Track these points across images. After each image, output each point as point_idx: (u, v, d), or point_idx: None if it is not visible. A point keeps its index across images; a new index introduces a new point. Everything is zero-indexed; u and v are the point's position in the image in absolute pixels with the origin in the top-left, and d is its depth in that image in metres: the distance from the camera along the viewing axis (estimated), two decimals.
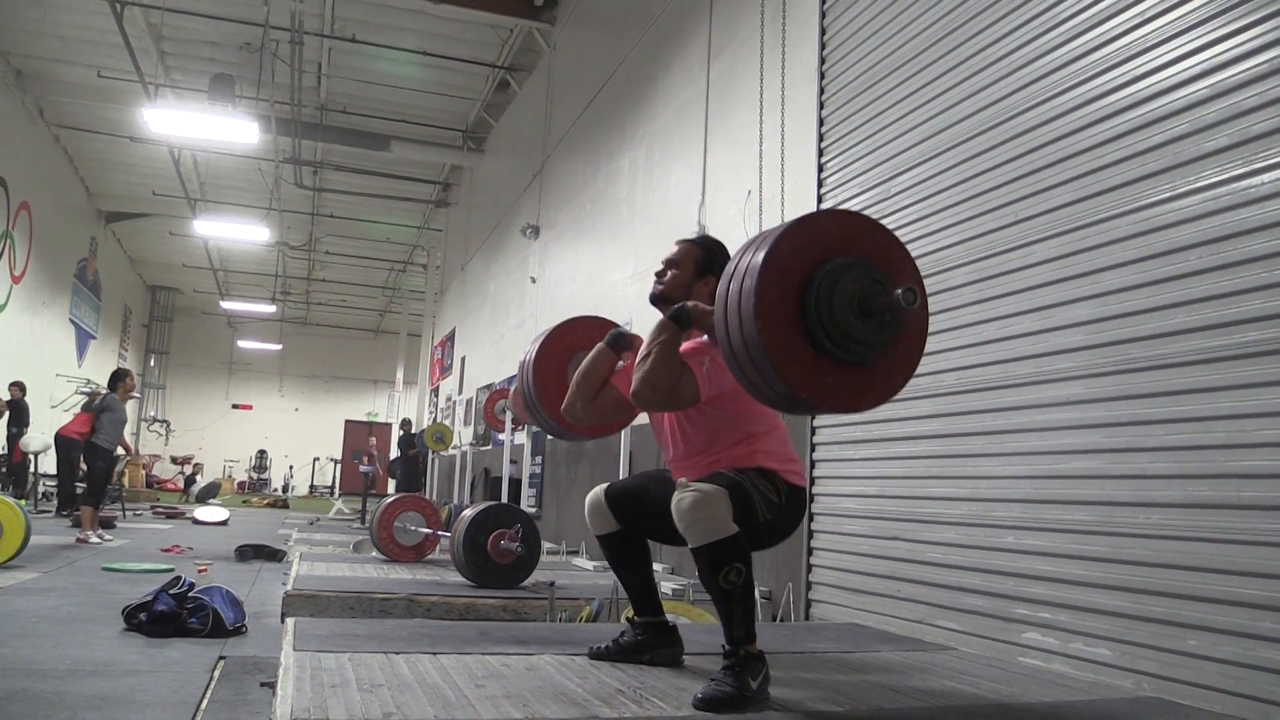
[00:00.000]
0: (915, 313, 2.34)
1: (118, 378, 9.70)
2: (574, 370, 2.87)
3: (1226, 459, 2.74)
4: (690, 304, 2.56)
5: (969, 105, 3.88)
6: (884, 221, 4.39)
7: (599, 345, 2.78)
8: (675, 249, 2.82)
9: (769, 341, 2.13)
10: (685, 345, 2.59)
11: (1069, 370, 3.29)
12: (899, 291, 2.14)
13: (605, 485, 2.87)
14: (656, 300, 2.77)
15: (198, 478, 22.39)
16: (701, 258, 2.77)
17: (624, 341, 2.79)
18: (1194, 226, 2.89)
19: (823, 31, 5.00)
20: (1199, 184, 2.89)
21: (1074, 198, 3.33)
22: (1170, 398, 2.92)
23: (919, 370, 3.97)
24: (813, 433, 4.73)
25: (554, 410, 3.03)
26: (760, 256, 2.18)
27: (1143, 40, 3.13)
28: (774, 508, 2.56)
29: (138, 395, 10.89)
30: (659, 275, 2.80)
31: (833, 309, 2.17)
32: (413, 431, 15.63)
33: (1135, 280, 3.06)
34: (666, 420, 2.75)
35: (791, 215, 4.91)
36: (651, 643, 2.81)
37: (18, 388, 12.93)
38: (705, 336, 2.60)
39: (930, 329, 3.93)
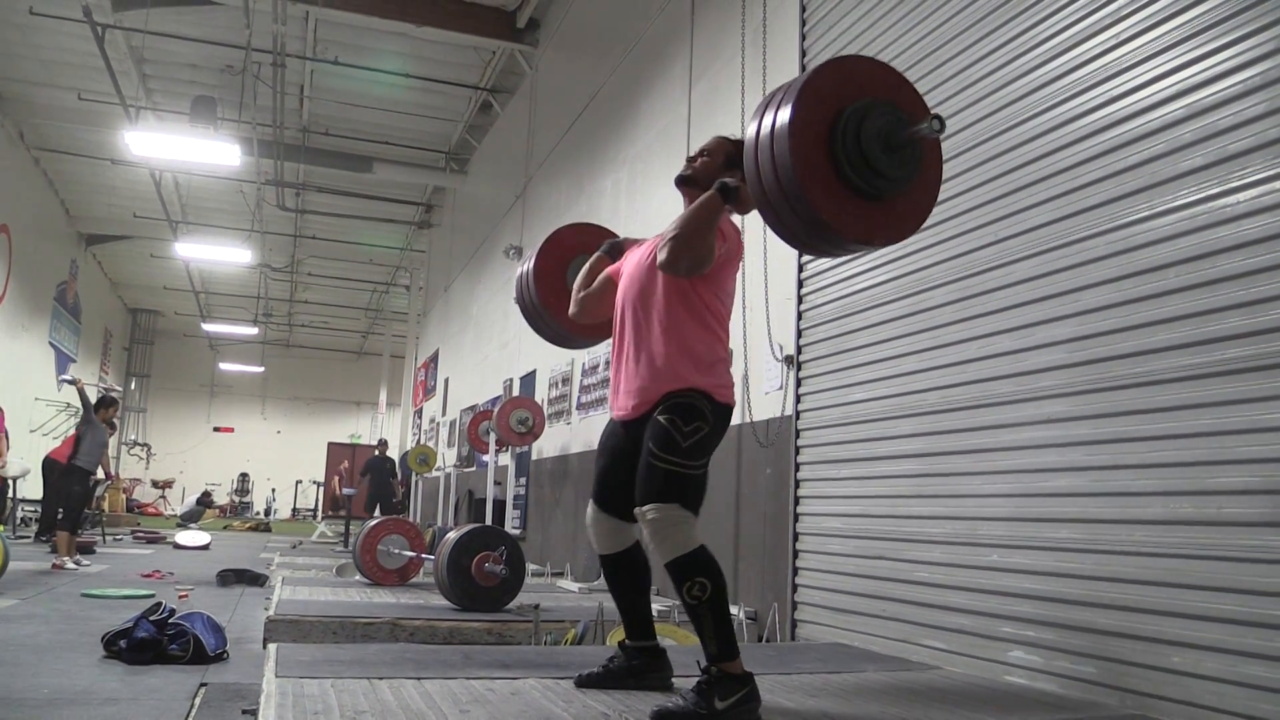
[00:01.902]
0: (930, 167, 2.54)
1: (103, 404, 9.65)
2: (574, 275, 3.20)
3: (1208, 475, 2.76)
4: (734, 182, 2.64)
5: (948, 127, 3.91)
6: None
7: (596, 254, 3.11)
8: (710, 140, 2.96)
9: (798, 161, 2.28)
10: None
11: (1050, 388, 3.31)
12: (924, 124, 2.32)
13: (590, 500, 2.88)
14: (683, 181, 2.88)
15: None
16: (732, 151, 2.86)
17: (618, 249, 3.09)
18: (1171, 245, 2.92)
19: (803, 54, 5.05)
20: (1176, 203, 2.92)
21: (1052, 217, 3.36)
22: (1151, 415, 2.94)
23: (901, 389, 4.01)
24: (797, 452, 4.74)
25: (555, 311, 3.32)
26: (796, 86, 2.34)
27: (1119, 61, 3.17)
28: (702, 446, 2.61)
29: (117, 420, 10.79)
30: (690, 160, 2.91)
31: (860, 140, 2.33)
32: (386, 453, 15.44)
33: (1114, 299, 3.09)
34: (636, 286, 2.80)
35: (773, 235, 4.94)
36: (642, 666, 2.79)
37: None
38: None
39: (911, 349, 3.99)
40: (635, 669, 2.78)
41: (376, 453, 15.49)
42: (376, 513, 14.20)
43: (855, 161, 2.33)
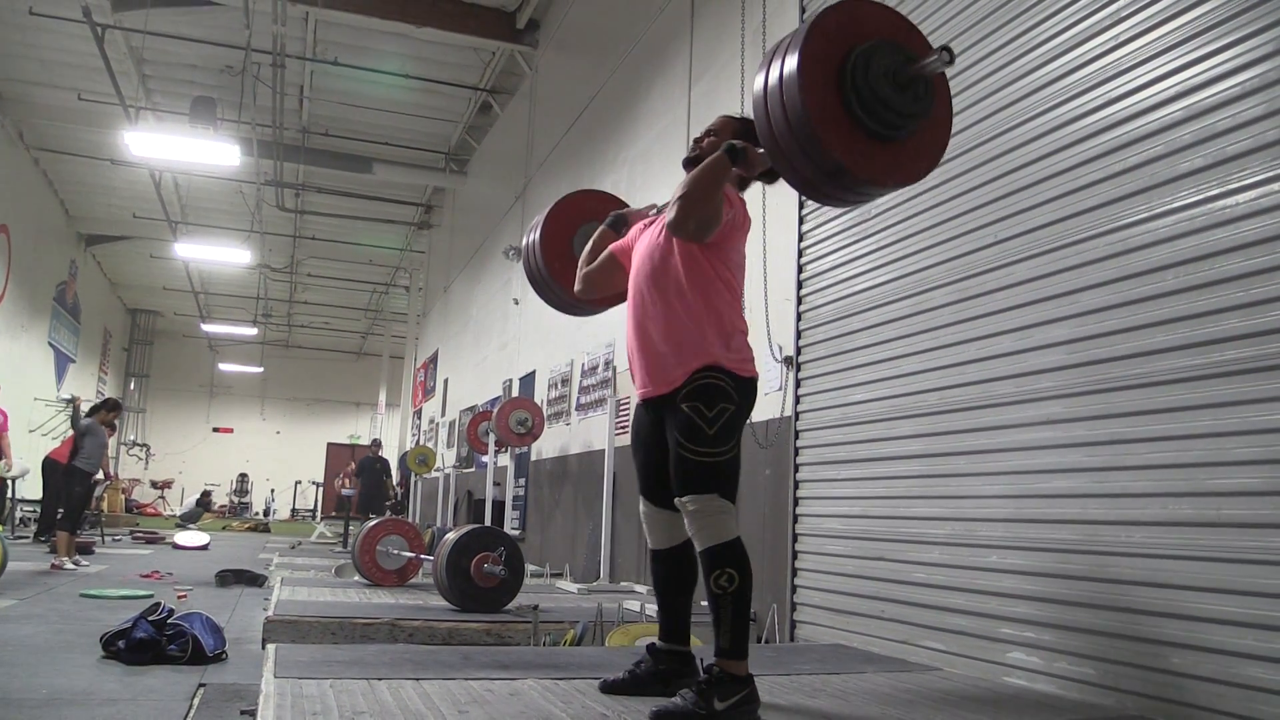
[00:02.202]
0: (940, 105, 2.54)
1: (106, 406, 9.69)
2: (580, 242, 3.23)
3: (1206, 477, 2.76)
4: (741, 143, 2.63)
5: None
6: (864, 242, 4.46)
7: (601, 227, 3.10)
8: (716, 120, 2.95)
9: (808, 99, 2.28)
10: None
11: (1049, 390, 3.31)
12: (932, 57, 2.32)
13: (640, 496, 2.86)
14: (690, 163, 2.86)
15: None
16: (739, 128, 2.86)
17: (622, 221, 3.09)
18: (1170, 247, 2.93)
19: None
20: (1175, 205, 2.93)
21: (1052, 218, 3.36)
22: (1149, 416, 2.94)
23: (900, 390, 4.01)
24: (796, 453, 4.74)
25: (561, 278, 3.34)
26: (803, 30, 2.35)
27: (1119, 63, 3.17)
28: (729, 427, 2.60)
29: (115, 423, 10.61)
30: (697, 141, 2.90)
31: (869, 79, 2.34)
32: (379, 453, 15.26)
33: (1113, 300, 3.09)
34: (649, 263, 2.79)
35: (773, 232, 4.95)
36: (670, 672, 2.72)
37: None
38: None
39: (911, 350, 3.99)
40: (663, 674, 2.71)
41: (370, 453, 15.29)
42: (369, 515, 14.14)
43: (866, 99, 2.33)
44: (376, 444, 15.80)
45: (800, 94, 2.27)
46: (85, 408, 9.95)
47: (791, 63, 2.31)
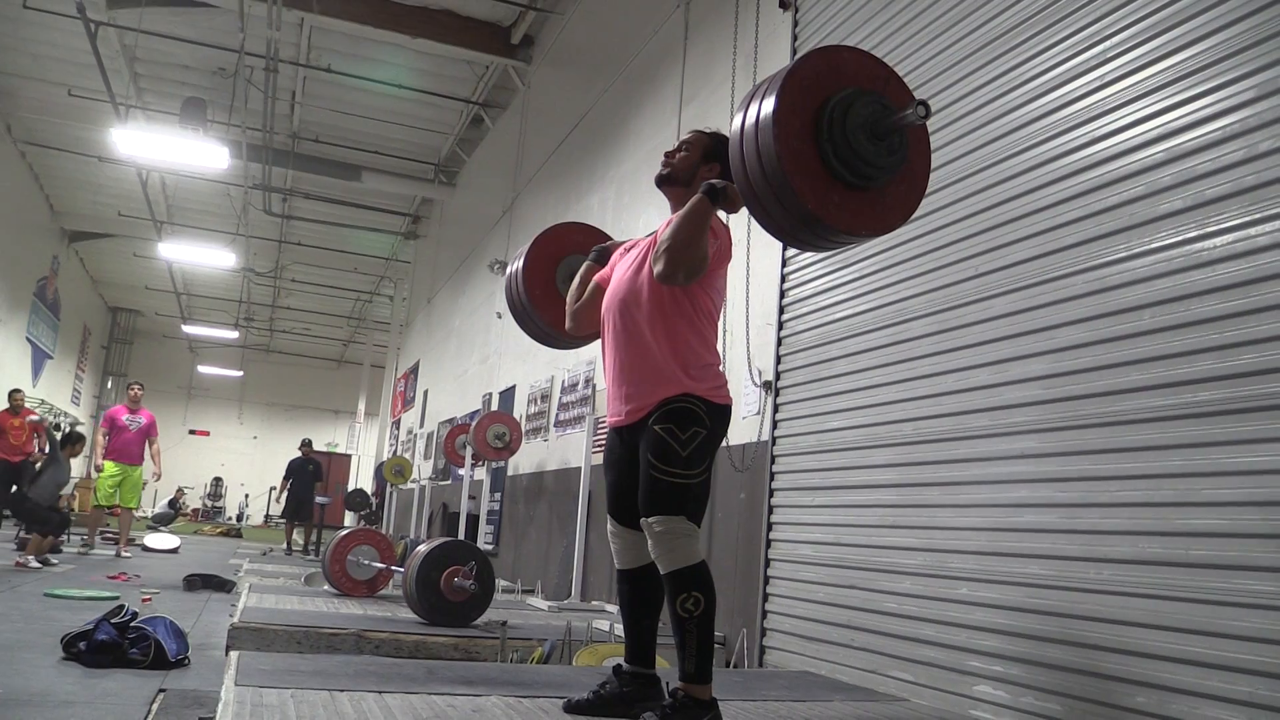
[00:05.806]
0: (918, 156, 2.55)
1: (70, 440, 9.80)
2: (564, 275, 3.28)
3: (1176, 516, 2.77)
4: (721, 183, 2.62)
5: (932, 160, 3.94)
6: (846, 270, 4.47)
7: (586, 263, 3.10)
8: (688, 135, 2.94)
9: (782, 150, 2.27)
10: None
11: (1024, 424, 3.32)
12: (909, 110, 2.32)
13: (608, 516, 2.84)
14: (663, 181, 2.87)
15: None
16: (710, 144, 2.86)
17: (606, 255, 3.07)
18: (1147, 287, 2.95)
19: None
20: (1153, 245, 2.95)
21: (1032, 254, 3.38)
22: (1121, 454, 2.95)
23: (877, 419, 4.02)
24: (771, 478, 4.74)
25: (545, 313, 3.36)
26: (780, 76, 2.34)
27: (1101, 104, 3.20)
28: (701, 451, 2.62)
29: (86, 455, 10.42)
30: (668, 155, 2.89)
31: (845, 130, 2.33)
32: (310, 454, 14.19)
33: (1089, 338, 3.11)
34: (624, 290, 2.79)
35: (757, 258, 4.97)
36: (635, 694, 2.68)
37: None
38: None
39: (889, 379, 4.00)
40: (627, 696, 2.67)
41: (300, 453, 14.25)
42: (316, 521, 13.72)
43: (841, 150, 2.32)
44: (307, 444, 14.57)
45: (774, 143, 2.26)
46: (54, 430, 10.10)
47: (767, 109, 2.30)
